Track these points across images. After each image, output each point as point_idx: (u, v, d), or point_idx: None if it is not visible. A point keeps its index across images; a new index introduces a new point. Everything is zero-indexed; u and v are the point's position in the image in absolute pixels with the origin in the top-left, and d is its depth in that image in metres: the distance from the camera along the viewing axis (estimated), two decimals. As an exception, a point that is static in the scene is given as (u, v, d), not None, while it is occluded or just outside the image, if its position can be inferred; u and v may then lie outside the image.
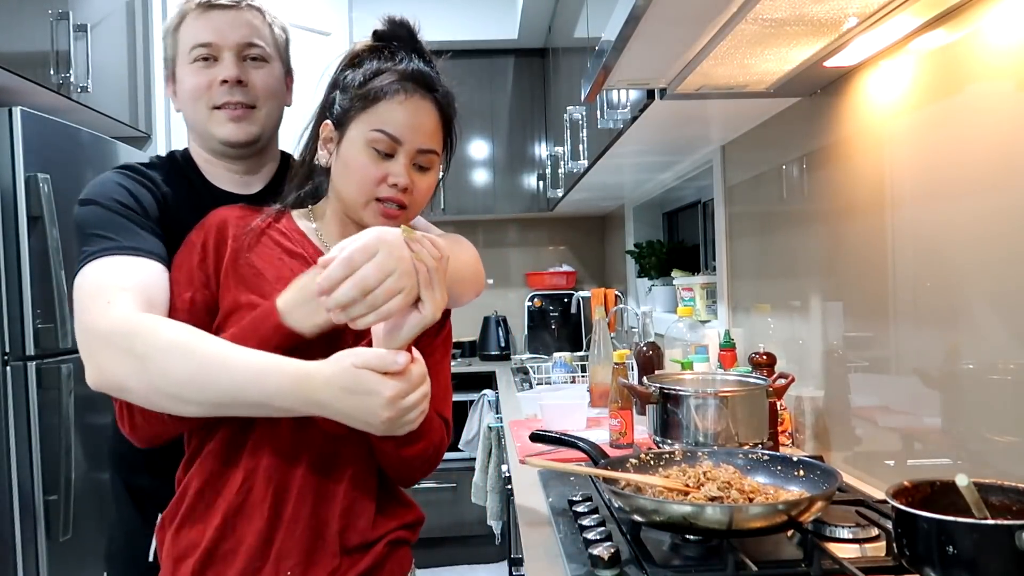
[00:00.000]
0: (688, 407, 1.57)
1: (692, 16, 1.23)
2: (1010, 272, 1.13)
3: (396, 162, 1.08)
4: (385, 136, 1.07)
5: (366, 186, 1.08)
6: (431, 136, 1.10)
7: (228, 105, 1.24)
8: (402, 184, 1.07)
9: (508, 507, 2.28)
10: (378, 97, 1.08)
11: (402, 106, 1.08)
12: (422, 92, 1.09)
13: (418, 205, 1.13)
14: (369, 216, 1.09)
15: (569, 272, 4.42)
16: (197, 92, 1.25)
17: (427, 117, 1.10)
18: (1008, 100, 1.11)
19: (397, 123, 1.07)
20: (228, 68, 1.24)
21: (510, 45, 4.04)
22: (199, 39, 1.25)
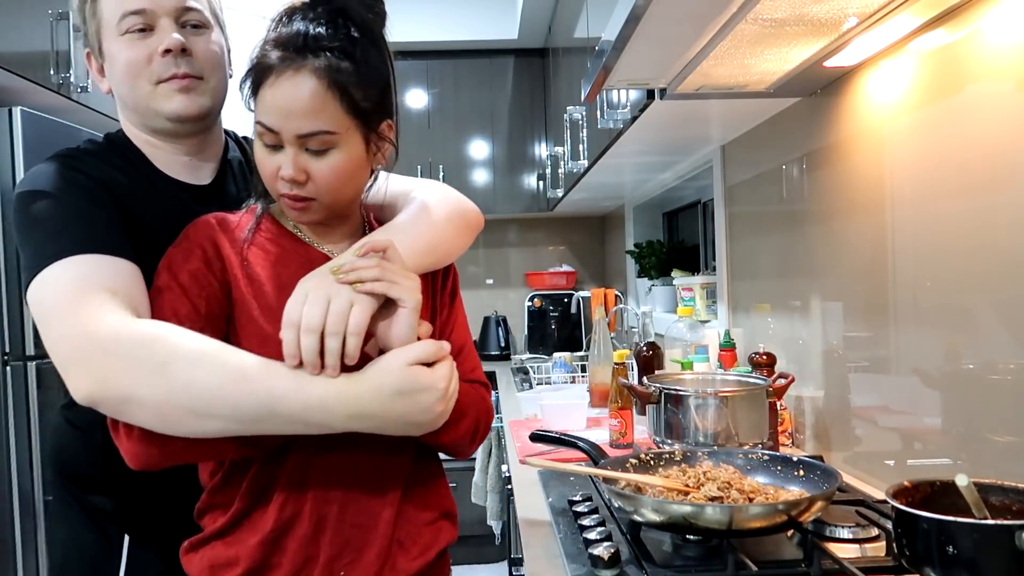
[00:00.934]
0: (688, 407, 1.57)
1: (692, 16, 1.23)
2: (1010, 272, 1.13)
3: (284, 152, 0.97)
4: (262, 128, 0.97)
5: (268, 182, 1.00)
6: (312, 115, 0.95)
7: (174, 77, 1.10)
8: (288, 176, 0.97)
9: (508, 507, 2.28)
10: (257, 82, 0.97)
11: (273, 88, 0.95)
12: (297, 63, 0.94)
13: (330, 192, 1.00)
14: (287, 210, 1.03)
15: (569, 272, 4.42)
16: (136, 67, 1.10)
17: (302, 95, 0.94)
18: (1008, 100, 1.11)
19: (270, 110, 0.96)
20: (169, 36, 1.09)
21: (510, 45, 4.04)
22: (129, 6, 1.09)
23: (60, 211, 1.03)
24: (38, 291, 0.97)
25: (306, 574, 1.00)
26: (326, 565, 1.00)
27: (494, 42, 3.97)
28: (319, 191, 0.99)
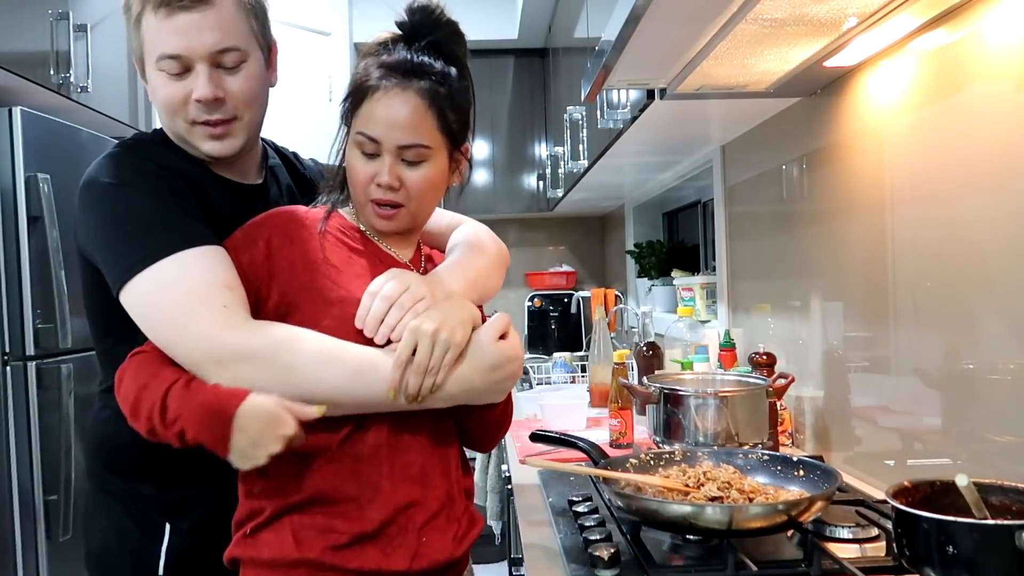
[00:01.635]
0: (688, 407, 1.57)
1: (692, 16, 1.23)
2: (1010, 272, 1.13)
3: (381, 161, 1.08)
4: (364, 137, 1.07)
5: (359, 187, 1.09)
6: (412, 130, 1.07)
7: (207, 123, 1.13)
8: (385, 182, 1.07)
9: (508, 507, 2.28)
10: (360, 97, 1.08)
11: (379, 103, 1.06)
12: (402, 83, 1.06)
13: (418, 201, 1.11)
14: (369, 216, 1.11)
15: (569, 272, 4.42)
16: (171, 106, 1.12)
17: (406, 110, 1.06)
18: (1008, 100, 1.11)
19: (374, 122, 1.07)
20: (202, 85, 1.10)
21: (510, 45, 4.04)
22: (164, 48, 1.09)
23: (149, 203, 1.06)
24: (149, 290, 1.02)
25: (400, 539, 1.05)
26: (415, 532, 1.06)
27: (494, 42, 3.97)
28: (408, 198, 1.09)
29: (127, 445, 1.10)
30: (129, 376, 1.02)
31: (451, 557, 1.08)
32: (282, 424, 0.97)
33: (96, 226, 1.08)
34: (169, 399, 0.98)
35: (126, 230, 1.05)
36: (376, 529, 1.03)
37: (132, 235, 1.04)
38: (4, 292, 2.13)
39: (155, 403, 0.98)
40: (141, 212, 1.05)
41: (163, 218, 1.05)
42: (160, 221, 1.05)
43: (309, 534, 1.02)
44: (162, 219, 1.05)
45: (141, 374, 1.01)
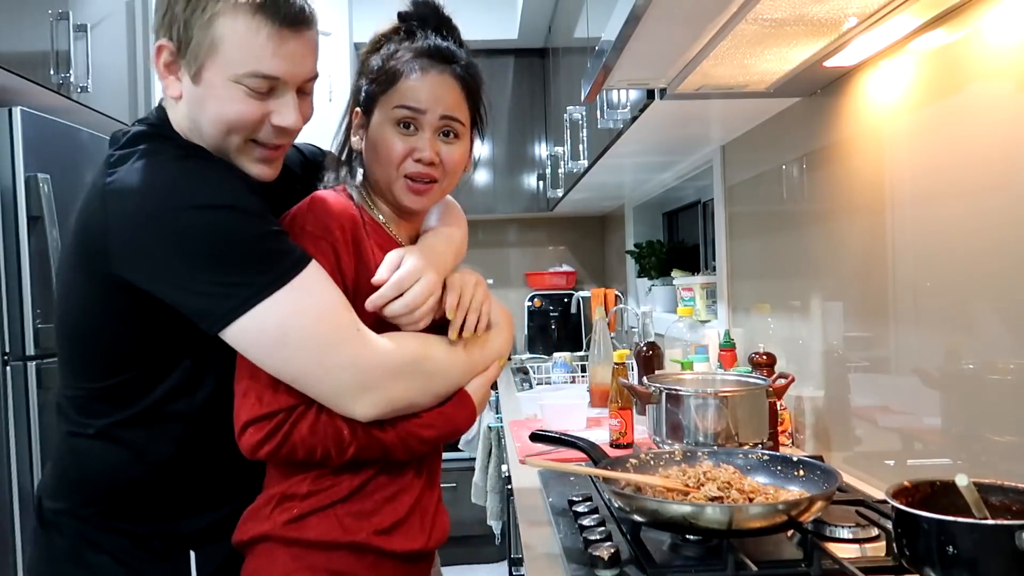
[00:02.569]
0: (688, 407, 1.57)
1: (692, 16, 1.23)
2: (1010, 272, 1.13)
3: (420, 136, 1.11)
4: (406, 109, 1.10)
5: (393, 162, 1.11)
6: (454, 105, 1.13)
7: (269, 146, 1.07)
8: (427, 157, 1.11)
9: (508, 507, 2.28)
10: (396, 76, 1.11)
11: (420, 81, 1.11)
12: (439, 66, 1.12)
13: (450, 178, 1.16)
14: (399, 192, 1.13)
15: (569, 272, 4.42)
16: (242, 124, 1.03)
17: (447, 88, 1.12)
18: (1008, 100, 1.11)
19: (416, 95, 1.11)
20: (291, 114, 1.05)
21: (510, 45, 4.04)
22: (263, 68, 1.01)
23: (252, 224, 0.99)
24: (275, 323, 0.97)
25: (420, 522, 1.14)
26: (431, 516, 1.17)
27: (494, 42, 3.97)
28: (443, 174, 1.14)
29: (144, 481, 1.08)
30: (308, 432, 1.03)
31: (446, 533, 1.19)
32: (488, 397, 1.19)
33: (183, 256, 0.96)
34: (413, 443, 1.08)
35: (231, 258, 0.97)
36: (405, 515, 1.11)
37: (239, 264, 0.97)
38: (4, 292, 2.13)
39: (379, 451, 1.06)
40: (246, 237, 0.98)
41: (269, 241, 0.99)
42: (269, 245, 0.99)
43: (353, 520, 1.07)
44: (269, 242, 0.99)
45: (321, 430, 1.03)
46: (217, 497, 1.13)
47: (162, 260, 0.97)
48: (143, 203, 0.97)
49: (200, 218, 0.97)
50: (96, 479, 1.09)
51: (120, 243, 0.98)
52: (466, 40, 1.17)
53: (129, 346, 1.05)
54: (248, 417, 1.03)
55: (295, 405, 1.03)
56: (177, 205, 0.97)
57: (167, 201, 0.97)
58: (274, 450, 1.02)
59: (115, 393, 1.07)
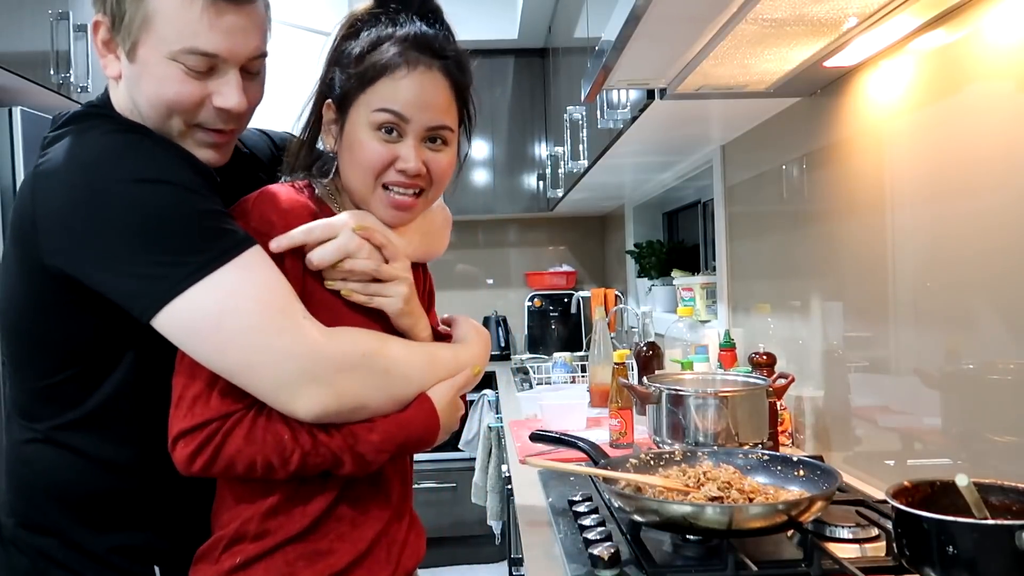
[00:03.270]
0: (688, 407, 1.57)
1: (692, 16, 1.23)
2: (1010, 272, 1.13)
3: (405, 143, 0.99)
4: (389, 114, 0.98)
5: (373, 170, 0.99)
6: (443, 110, 1.01)
7: (215, 129, 1.00)
8: (412, 169, 0.99)
9: (508, 507, 2.28)
10: (378, 73, 0.98)
11: (406, 80, 0.98)
12: (427, 60, 0.99)
13: (437, 188, 1.05)
14: (378, 206, 1.02)
15: (569, 272, 4.42)
16: (180, 106, 0.96)
17: (435, 89, 1.00)
18: (1008, 100, 1.11)
19: (401, 99, 0.98)
20: (234, 95, 0.97)
21: (510, 45, 4.04)
22: (199, 44, 0.93)
23: (191, 200, 0.91)
24: (210, 307, 0.88)
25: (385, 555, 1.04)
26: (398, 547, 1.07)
27: (494, 42, 3.97)
28: (430, 184, 1.03)
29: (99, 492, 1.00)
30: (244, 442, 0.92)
31: (420, 555, 1.12)
32: (459, 410, 1.06)
33: (114, 235, 0.89)
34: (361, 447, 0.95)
35: (168, 236, 0.89)
36: (367, 548, 1.01)
37: (173, 244, 0.89)
38: (4, 292, 2.13)
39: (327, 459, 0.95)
40: (181, 213, 0.90)
41: (208, 219, 0.91)
42: (208, 223, 0.90)
43: (306, 565, 0.97)
44: (208, 220, 0.91)
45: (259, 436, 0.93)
46: (182, 509, 1.03)
47: (87, 240, 0.89)
48: (67, 179, 0.91)
49: (129, 192, 0.89)
50: (48, 490, 1.01)
51: (46, 226, 0.91)
52: (466, 40, 1.08)
53: (66, 341, 0.97)
54: (178, 429, 0.92)
55: (229, 413, 0.92)
56: (104, 178, 0.89)
57: (92, 175, 0.90)
58: (207, 464, 0.91)
59: (57, 393, 0.99)
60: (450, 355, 1.07)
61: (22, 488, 1.03)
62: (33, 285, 0.96)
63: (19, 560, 1.02)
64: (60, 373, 0.99)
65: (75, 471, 1.00)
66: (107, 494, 1.00)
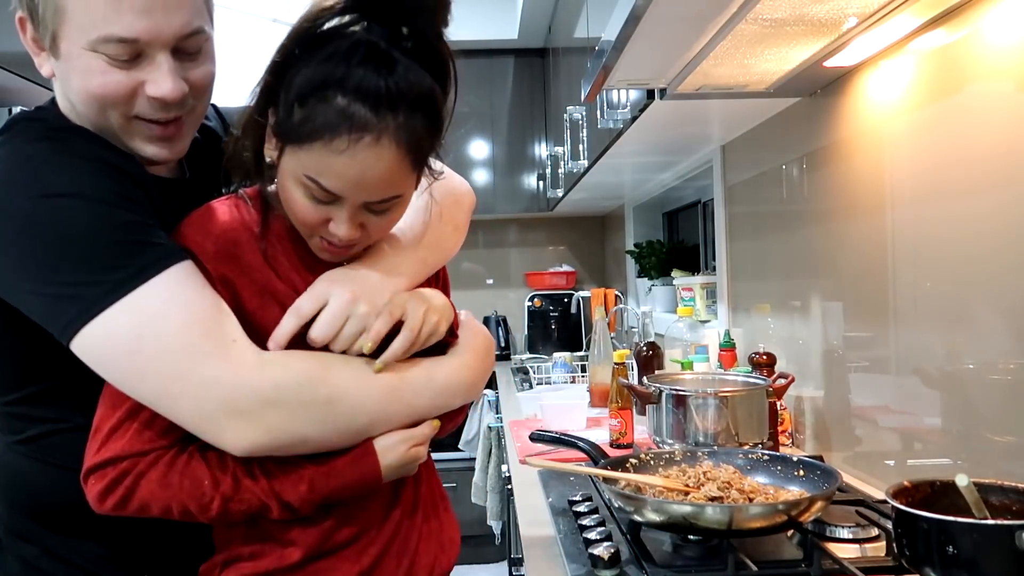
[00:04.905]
0: (688, 407, 1.57)
1: (692, 16, 1.23)
2: (1010, 272, 1.13)
3: (339, 211, 0.87)
4: (319, 188, 0.84)
5: (304, 225, 0.89)
6: (386, 186, 0.86)
7: (156, 122, 0.90)
8: (345, 236, 0.88)
9: (508, 507, 2.28)
10: (314, 135, 0.82)
11: (344, 155, 0.82)
12: (378, 126, 0.82)
13: (379, 235, 0.95)
14: (313, 247, 0.92)
15: (569, 272, 4.42)
16: (110, 99, 0.87)
17: (379, 166, 0.84)
18: (1008, 100, 1.11)
19: (336, 177, 0.83)
20: (166, 81, 0.87)
21: (510, 45, 4.04)
22: (115, 31, 0.83)
23: (104, 214, 0.83)
24: (126, 331, 0.80)
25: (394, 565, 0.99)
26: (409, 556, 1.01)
27: (494, 42, 3.97)
28: (368, 238, 0.93)
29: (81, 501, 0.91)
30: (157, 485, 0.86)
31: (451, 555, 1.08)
32: (417, 460, 0.95)
33: (24, 254, 0.82)
34: (287, 496, 0.88)
35: (78, 255, 0.81)
36: (371, 565, 0.96)
37: (88, 261, 0.81)
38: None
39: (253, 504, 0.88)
40: (94, 229, 0.82)
41: (127, 233, 0.83)
42: (125, 237, 0.82)
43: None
44: (126, 234, 0.83)
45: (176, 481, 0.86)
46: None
47: (2, 263, 0.83)
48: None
49: (36, 208, 0.82)
50: (27, 499, 0.97)
51: None
52: (466, 40, 1.00)
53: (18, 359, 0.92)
54: (88, 463, 0.86)
55: (145, 451, 0.85)
56: (11, 195, 0.83)
57: (6, 191, 0.83)
58: (118, 504, 0.85)
59: (20, 410, 0.95)
60: (423, 377, 0.94)
61: (6, 496, 1.00)
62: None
63: (12, 567, 1.00)
64: (19, 390, 0.94)
65: (51, 481, 0.95)
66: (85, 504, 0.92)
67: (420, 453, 0.96)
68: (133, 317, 0.81)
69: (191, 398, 0.82)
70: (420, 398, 0.95)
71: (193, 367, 0.81)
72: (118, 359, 0.82)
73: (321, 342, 0.89)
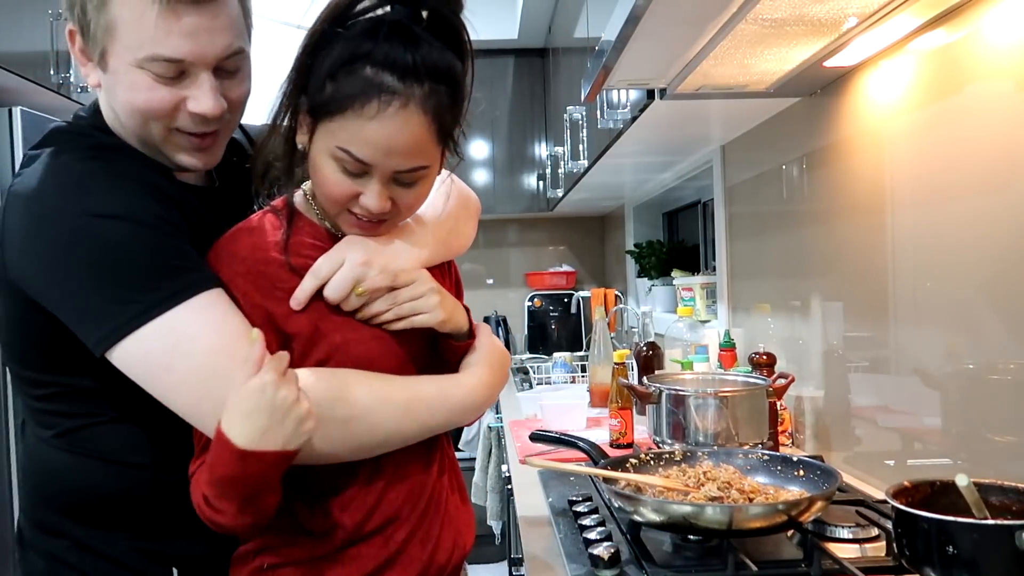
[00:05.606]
0: (688, 407, 1.57)
1: (692, 16, 1.23)
2: (1010, 272, 1.13)
3: (370, 183, 0.91)
4: (350, 158, 0.88)
5: (335, 201, 0.93)
6: (414, 153, 0.90)
7: (196, 134, 0.96)
8: (375, 210, 0.91)
9: (508, 507, 2.28)
10: (345, 104, 0.87)
11: (374, 124, 0.86)
12: (405, 92, 0.86)
13: (409, 213, 0.98)
14: (343, 224, 0.97)
15: (569, 272, 4.42)
16: (155, 113, 0.93)
17: (409, 130, 0.88)
18: (1008, 100, 1.11)
19: (366, 144, 0.87)
20: (207, 99, 0.93)
21: (510, 45, 4.04)
22: (162, 52, 0.89)
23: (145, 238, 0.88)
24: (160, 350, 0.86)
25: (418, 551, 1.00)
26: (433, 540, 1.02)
27: (494, 42, 3.97)
28: (398, 214, 0.96)
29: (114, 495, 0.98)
30: None
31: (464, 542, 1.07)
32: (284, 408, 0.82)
33: (69, 265, 0.87)
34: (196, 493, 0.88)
35: (120, 274, 0.87)
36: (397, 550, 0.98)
37: (127, 280, 0.87)
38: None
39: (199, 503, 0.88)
40: (138, 251, 0.88)
41: (164, 256, 0.89)
42: (163, 261, 0.88)
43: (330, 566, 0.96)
44: (163, 258, 0.89)
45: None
46: None
47: (42, 269, 0.89)
48: (33, 208, 0.90)
49: (82, 227, 0.87)
50: (60, 493, 1.00)
51: (12, 249, 0.91)
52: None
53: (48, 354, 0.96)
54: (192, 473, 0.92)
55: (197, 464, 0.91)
56: (65, 212, 0.88)
57: (55, 207, 0.89)
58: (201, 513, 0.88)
59: (55, 405, 0.99)
60: (437, 395, 0.98)
61: (36, 491, 1.03)
62: (7, 299, 0.96)
63: (36, 563, 1.01)
64: (50, 387, 0.98)
65: (85, 473, 0.99)
66: (119, 497, 0.99)
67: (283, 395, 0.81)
68: (165, 338, 0.86)
69: (216, 416, 0.83)
70: (434, 417, 0.98)
71: (219, 387, 0.84)
72: (152, 375, 0.88)
73: (334, 301, 0.93)
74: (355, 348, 0.95)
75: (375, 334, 0.96)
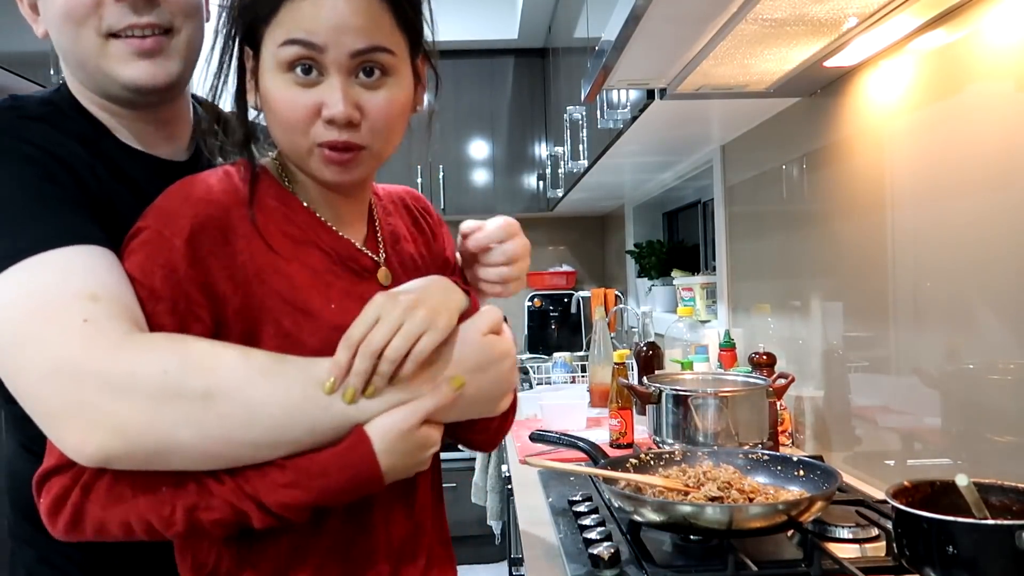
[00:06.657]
0: (688, 407, 1.57)
1: (692, 16, 1.23)
2: (1010, 272, 1.13)
3: (329, 85, 0.77)
4: (298, 45, 0.76)
5: (297, 126, 0.78)
6: (370, 29, 0.77)
7: (132, 31, 0.84)
8: (340, 114, 0.77)
9: (508, 507, 2.28)
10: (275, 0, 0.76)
11: (307, 1, 0.75)
12: None
13: (385, 135, 0.82)
14: (315, 166, 0.81)
15: (569, 272, 4.42)
16: (77, 11, 0.83)
17: (356, 2, 0.76)
18: (1008, 100, 1.11)
19: (312, 21, 0.75)
20: None
21: (510, 45, 4.04)
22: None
23: (5, 195, 0.77)
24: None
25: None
26: None
27: (494, 42, 3.96)
28: (372, 134, 0.80)
29: None
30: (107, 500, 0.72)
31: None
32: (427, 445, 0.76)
33: None
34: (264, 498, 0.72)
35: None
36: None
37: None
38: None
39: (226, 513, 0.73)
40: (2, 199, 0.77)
41: (16, 215, 0.76)
42: (12, 219, 0.75)
43: None
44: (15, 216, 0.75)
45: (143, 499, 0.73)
46: None
47: None
48: None
49: None
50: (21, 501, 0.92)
51: None
52: (466, 40, 0.98)
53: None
54: (37, 474, 0.74)
55: None
56: None
57: None
58: (71, 525, 0.72)
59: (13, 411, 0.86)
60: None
61: (12, 497, 0.96)
62: None
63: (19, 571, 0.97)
64: None
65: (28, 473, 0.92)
66: None
67: (431, 436, 0.76)
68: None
69: (36, 393, 0.69)
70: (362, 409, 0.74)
71: (33, 357, 0.68)
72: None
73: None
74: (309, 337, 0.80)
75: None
